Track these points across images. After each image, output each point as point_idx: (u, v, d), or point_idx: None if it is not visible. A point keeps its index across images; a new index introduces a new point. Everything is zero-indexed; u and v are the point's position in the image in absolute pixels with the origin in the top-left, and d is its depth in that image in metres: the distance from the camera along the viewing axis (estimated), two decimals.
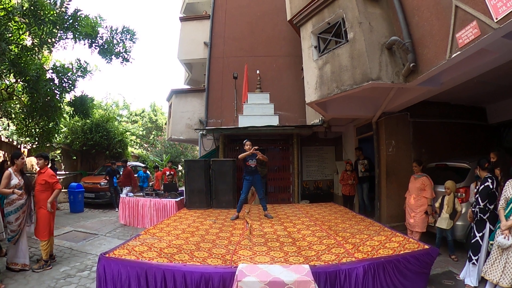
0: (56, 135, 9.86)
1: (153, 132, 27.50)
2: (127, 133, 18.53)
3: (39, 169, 5.06)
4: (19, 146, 11.48)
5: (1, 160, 8.88)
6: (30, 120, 8.75)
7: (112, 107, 25.18)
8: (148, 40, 71.41)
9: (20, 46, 7.16)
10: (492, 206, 4.08)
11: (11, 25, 6.66)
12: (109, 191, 10.88)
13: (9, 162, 4.99)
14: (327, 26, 6.47)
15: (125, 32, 8.04)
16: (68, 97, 8.63)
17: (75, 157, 14.82)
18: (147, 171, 12.06)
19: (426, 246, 3.92)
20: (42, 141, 9.20)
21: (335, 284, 3.26)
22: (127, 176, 10.29)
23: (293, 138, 9.23)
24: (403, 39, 5.10)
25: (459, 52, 4.03)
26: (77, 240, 6.56)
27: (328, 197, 9.64)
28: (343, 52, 5.84)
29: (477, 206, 4.16)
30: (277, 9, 10.45)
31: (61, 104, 8.34)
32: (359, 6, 5.59)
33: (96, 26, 7.56)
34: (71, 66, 7.98)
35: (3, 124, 11.16)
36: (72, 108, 8.73)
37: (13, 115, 9.59)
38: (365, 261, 3.47)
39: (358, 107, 7.09)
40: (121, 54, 8.18)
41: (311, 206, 7.72)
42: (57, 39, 7.47)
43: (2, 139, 10.52)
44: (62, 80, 7.85)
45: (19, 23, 6.95)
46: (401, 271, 3.56)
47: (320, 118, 8.28)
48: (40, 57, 8.31)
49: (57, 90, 7.80)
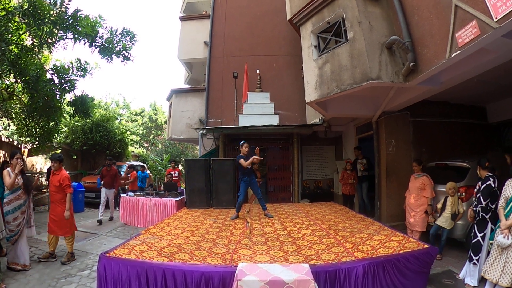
0: (56, 135, 9.86)
1: (153, 132, 27.50)
2: (127, 132, 18.54)
3: (54, 170, 5.18)
4: (19, 146, 11.49)
5: (2, 160, 8.90)
6: (31, 120, 8.76)
7: (112, 106, 25.20)
8: (148, 40, 71.45)
9: (20, 46, 7.18)
10: (494, 206, 4.07)
11: (11, 25, 6.67)
12: None
13: (9, 162, 5.05)
14: (327, 26, 6.47)
15: (125, 34, 8.04)
16: (69, 96, 8.65)
17: (75, 156, 14.83)
18: (146, 171, 11.91)
19: (426, 246, 3.92)
20: (43, 141, 9.21)
21: (335, 284, 3.27)
22: (113, 177, 9.01)
23: (293, 137, 9.23)
24: (403, 39, 5.11)
25: (459, 51, 4.03)
26: (78, 240, 6.55)
27: (328, 196, 9.65)
28: (343, 51, 5.84)
29: (479, 205, 4.15)
30: (277, 9, 10.44)
31: (61, 104, 8.35)
32: (359, 6, 5.59)
33: (96, 26, 7.56)
34: (71, 66, 7.98)
35: (3, 124, 11.17)
36: (73, 108, 8.74)
37: (13, 115, 9.61)
38: (365, 260, 3.47)
39: (358, 106, 7.09)
40: (121, 53, 8.18)
41: (311, 205, 7.72)
42: (57, 39, 7.48)
43: (3, 139, 10.54)
44: (62, 80, 7.85)
45: (19, 23, 6.96)
46: (401, 271, 3.56)
47: (320, 118, 8.28)
48: (40, 57, 8.32)
49: (57, 90, 7.80)
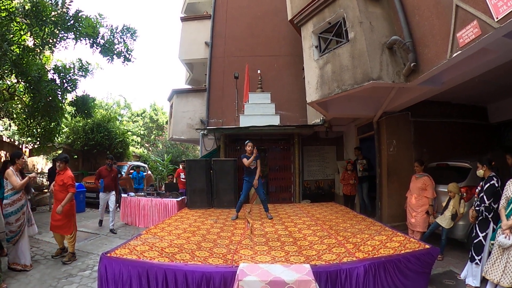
0: (57, 135, 9.87)
1: (154, 132, 27.51)
2: (128, 133, 18.55)
3: (59, 170, 5.23)
4: (20, 146, 11.51)
5: (3, 160, 8.93)
6: (32, 120, 8.78)
7: (113, 106, 25.23)
8: (149, 40, 71.46)
9: (22, 46, 7.19)
10: (497, 205, 4.04)
11: (12, 26, 6.69)
12: None
13: (10, 161, 5.07)
14: (327, 26, 6.47)
15: (126, 30, 8.04)
16: (70, 97, 8.66)
17: (76, 156, 14.84)
18: (142, 171, 11.67)
19: (427, 246, 3.92)
20: (44, 141, 9.22)
21: (336, 284, 3.27)
22: (114, 178, 7.96)
23: (294, 137, 9.23)
24: (404, 39, 5.10)
25: (460, 51, 4.02)
26: (79, 240, 6.55)
27: (329, 196, 9.65)
28: (344, 51, 5.84)
29: (483, 205, 4.11)
30: (277, 9, 10.44)
31: (62, 104, 8.36)
32: (359, 6, 5.59)
33: (97, 25, 7.57)
34: (72, 66, 8.00)
35: (4, 124, 11.19)
36: (74, 108, 8.75)
37: (14, 115, 9.63)
38: (366, 261, 3.47)
39: (359, 106, 7.08)
40: (122, 54, 8.19)
41: (312, 205, 7.73)
42: (59, 39, 7.49)
43: (4, 139, 10.57)
44: (64, 80, 7.87)
45: (21, 24, 6.98)
46: (402, 271, 3.56)
47: (321, 118, 8.28)
48: (42, 57, 8.33)
49: (59, 90, 7.82)
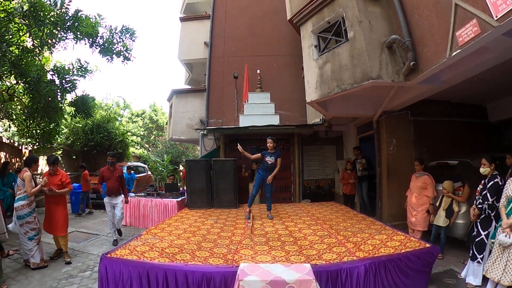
0: (57, 136, 9.86)
1: (154, 132, 27.51)
2: (128, 133, 18.55)
3: (53, 172, 5.37)
4: (20, 148, 11.50)
5: (2, 162, 8.92)
6: (31, 121, 8.77)
7: (113, 107, 25.22)
8: (149, 40, 71.44)
9: (21, 47, 7.17)
10: (499, 204, 4.06)
11: (11, 26, 6.68)
12: None
13: (25, 165, 5.20)
14: (327, 25, 6.47)
15: (125, 31, 8.03)
16: (69, 97, 8.64)
17: (74, 157, 14.84)
18: (133, 173, 11.32)
19: (428, 245, 3.92)
20: (43, 142, 9.21)
21: (336, 283, 3.27)
22: (119, 179, 6.86)
23: (294, 137, 9.23)
24: (403, 38, 5.10)
25: (459, 50, 4.02)
26: (79, 241, 6.57)
27: (329, 196, 9.65)
28: (343, 51, 5.84)
29: (486, 202, 4.10)
30: (277, 9, 10.44)
31: (62, 105, 8.35)
32: (359, 5, 5.58)
33: (97, 25, 7.56)
34: (71, 67, 7.99)
35: (4, 126, 11.18)
36: (74, 108, 8.74)
37: (14, 116, 9.62)
38: (366, 260, 3.47)
39: (359, 106, 7.08)
40: (122, 53, 8.18)
41: (312, 205, 7.73)
42: (58, 40, 7.48)
43: (3, 141, 10.54)
44: (63, 81, 7.85)
45: (20, 24, 6.97)
46: (402, 270, 3.56)
47: (321, 117, 8.28)
48: (41, 58, 8.32)
49: (58, 90, 7.80)
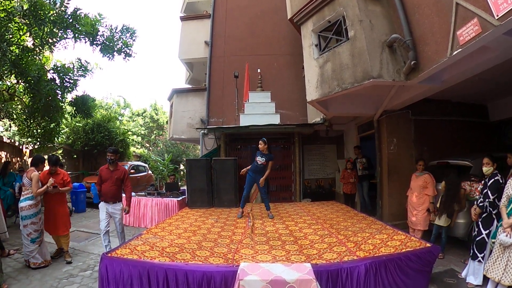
0: (57, 135, 9.86)
1: (155, 132, 27.53)
2: (128, 133, 18.55)
3: (53, 172, 5.34)
4: (21, 147, 11.51)
5: (3, 161, 8.93)
6: (32, 121, 8.77)
7: (113, 106, 25.23)
8: (149, 40, 71.46)
9: (21, 47, 7.17)
10: (500, 203, 4.03)
11: (11, 26, 6.67)
12: None
13: (31, 165, 5.23)
14: (327, 24, 6.45)
15: (125, 30, 8.03)
16: (70, 96, 8.64)
17: (75, 156, 14.85)
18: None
19: (428, 244, 3.92)
20: (44, 141, 9.21)
21: (337, 283, 3.27)
22: (121, 181, 5.63)
23: (294, 136, 9.22)
24: (404, 37, 5.09)
25: (460, 49, 4.01)
26: (80, 240, 6.58)
27: (329, 195, 9.64)
28: (343, 50, 5.83)
29: (487, 200, 4.09)
30: (277, 8, 10.42)
31: (62, 104, 8.34)
32: (359, 4, 5.57)
33: (96, 24, 7.55)
34: (72, 66, 7.98)
35: (4, 125, 11.19)
36: (74, 108, 8.74)
37: (14, 116, 9.62)
38: (367, 260, 3.47)
39: (359, 105, 7.08)
40: (123, 50, 8.17)
41: (313, 204, 7.72)
42: (58, 39, 7.48)
43: (4, 140, 10.56)
44: (64, 80, 7.85)
45: (20, 24, 6.97)
46: (403, 270, 3.56)
47: (322, 117, 8.27)
48: (41, 57, 8.31)
49: (59, 90, 7.80)
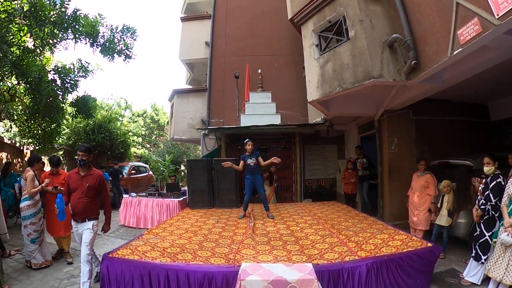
0: (58, 136, 9.86)
1: (155, 132, 27.55)
2: (129, 133, 18.56)
3: (54, 173, 5.35)
4: (21, 148, 11.53)
5: (4, 162, 8.94)
6: (33, 122, 8.78)
7: (114, 107, 25.27)
8: (150, 41, 71.53)
9: (22, 48, 7.18)
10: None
11: (12, 27, 6.69)
12: (112, 191, 10.88)
13: (28, 164, 5.24)
14: (328, 25, 6.45)
15: (126, 30, 8.04)
16: (71, 97, 8.65)
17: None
18: (105, 173, 9.91)
19: (429, 244, 3.91)
20: (45, 142, 9.22)
21: (338, 283, 3.27)
22: (96, 191, 5.13)
23: (295, 137, 9.22)
24: (405, 37, 5.08)
25: (461, 49, 4.01)
26: None
27: (330, 195, 9.63)
28: (344, 50, 5.83)
29: (489, 203, 4.05)
30: (277, 8, 10.41)
31: (63, 105, 8.35)
32: (360, 4, 5.57)
33: (97, 25, 7.56)
34: (72, 67, 7.99)
35: (5, 126, 11.21)
36: (75, 109, 8.75)
37: (15, 117, 9.63)
38: (368, 260, 3.47)
39: (360, 105, 7.07)
40: (123, 52, 8.18)
41: (314, 204, 7.72)
42: (58, 39, 7.49)
43: (5, 141, 10.57)
44: (64, 81, 7.86)
45: (20, 25, 6.98)
46: (404, 269, 3.56)
47: (322, 117, 8.27)
48: (42, 58, 8.33)
49: (59, 91, 7.81)
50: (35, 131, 9.05)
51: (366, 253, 3.71)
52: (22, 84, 7.70)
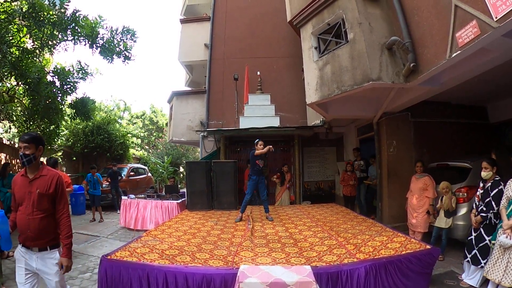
0: (57, 138, 9.84)
1: (154, 134, 27.54)
2: (128, 135, 18.56)
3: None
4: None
5: (3, 163, 8.91)
6: (32, 123, 8.77)
7: (113, 109, 25.25)
8: (149, 42, 71.63)
9: (21, 48, 7.18)
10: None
11: (11, 28, 6.69)
12: (110, 193, 10.86)
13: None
14: (327, 27, 6.47)
15: (125, 32, 8.05)
16: (69, 99, 8.64)
17: (74, 158, 14.85)
18: (98, 173, 9.57)
19: (428, 246, 3.90)
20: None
21: (336, 285, 3.26)
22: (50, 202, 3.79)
23: (294, 139, 9.23)
24: (403, 39, 5.10)
25: (459, 51, 4.02)
26: (79, 242, 6.56)
27: (329, 197, 9.63)
28: (343, 52, 5.84)
29: (491, 211, 3.97)
30: (276, 10, 10.44)
31: (62, 107, 8.35)
32: (358, 7, 5.59)
33: (96, 26, 7.57)
34: (72, 69, 7.99)
35: (4, 127, 11.18)
36: (74, 110, 8.74)
37: (14, 118, 9.61)
38: (366, 262, 3.46)
39: (359, 107, 7.08)
40: (122, 53, 8.19)
41: (313, 207, 7.71)
42: (58, 41, 7.49)
43: (4, 142, 10.55)
44: (63, 83, 7.86)
45: (20, 25, 6.98)
46: (403, 272, 3.55)
47: (321, 119, 8.27)
48: (41, 59, 8.33)
49: (58, 92, 7.81)
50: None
51: (365, 256, 3.70)
52: (21, 85, 7.70)
